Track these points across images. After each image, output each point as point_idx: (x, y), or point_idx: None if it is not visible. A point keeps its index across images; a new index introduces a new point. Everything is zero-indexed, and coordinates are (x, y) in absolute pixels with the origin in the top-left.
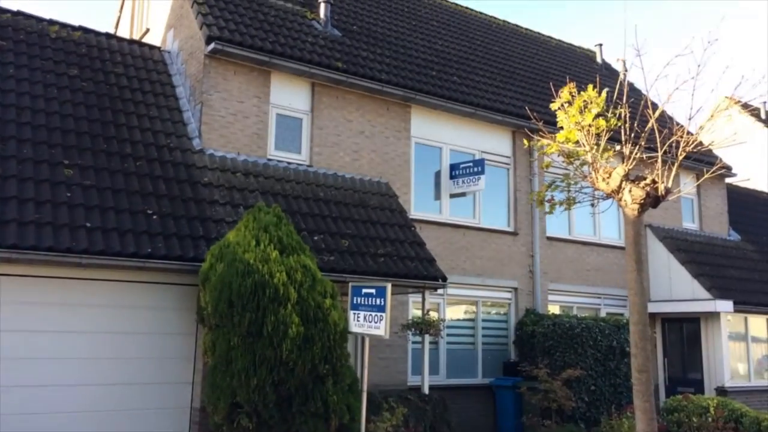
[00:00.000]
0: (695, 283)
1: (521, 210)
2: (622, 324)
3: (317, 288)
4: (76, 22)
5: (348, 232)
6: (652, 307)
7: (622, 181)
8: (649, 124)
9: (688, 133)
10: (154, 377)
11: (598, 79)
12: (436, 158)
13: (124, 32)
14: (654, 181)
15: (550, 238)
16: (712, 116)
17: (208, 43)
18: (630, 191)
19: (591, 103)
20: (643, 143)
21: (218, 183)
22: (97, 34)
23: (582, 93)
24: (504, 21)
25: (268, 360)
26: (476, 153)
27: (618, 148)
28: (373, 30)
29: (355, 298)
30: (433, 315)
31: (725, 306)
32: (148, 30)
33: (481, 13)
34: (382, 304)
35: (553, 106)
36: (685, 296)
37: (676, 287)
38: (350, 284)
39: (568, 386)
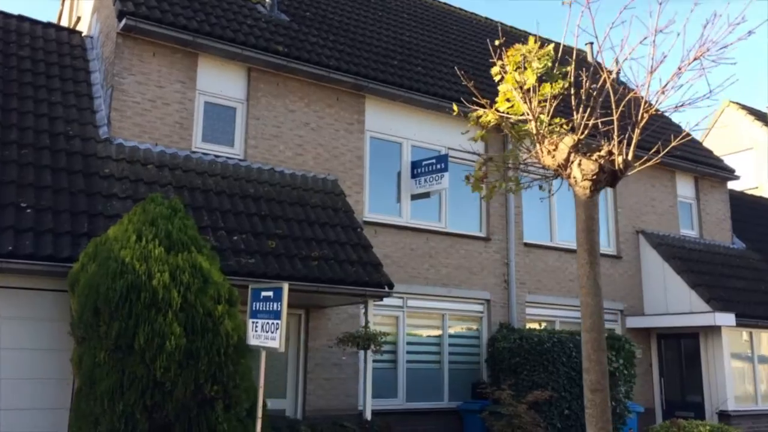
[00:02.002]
0: (693, 294)
1: (494, 213)
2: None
3: (209, 292)
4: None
5: (277, 232)
6: (646, 322)
7: (570, 154)
8: (603, 83)
9: (652, 108)
10: (25, 401)
11: (584, 76)
12: (395, 155)
13: (64, 24)
14: (610, 153)
15: (528, 245)
16: (680, 69)
17: (120, 19)
18: (580, 165)
19: (532, 56)
20: (597, 107)
21: (122, 175)
22: (7, 16)
23: (519, 45)
24: (486, 18)
25: (139, 379)
26: (442, 149)
27: (572, 126)
28: (330, 18)
29: (254, 303)
30: (376, 328)
31: (726, 319)
32: (79, 18)
33: (462, 9)
34: (279, 309)
35: (494, 71)
36: (682, 309)
37: (672, 299)
38: (250, 287)
39: (537, 410)
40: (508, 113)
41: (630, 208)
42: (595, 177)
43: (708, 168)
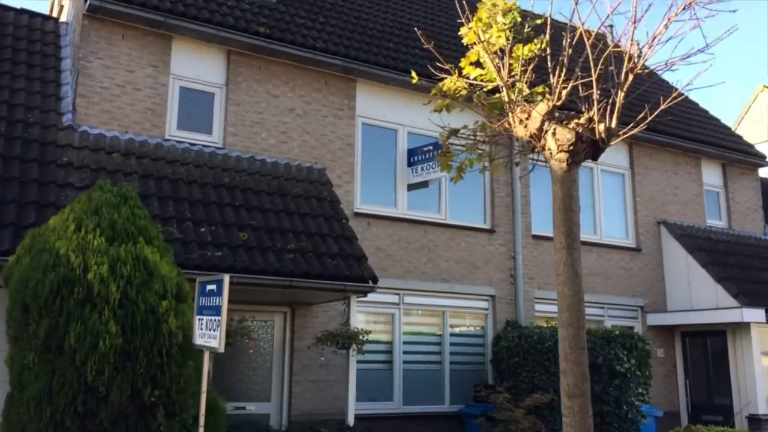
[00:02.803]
0: (719, 289)
1: (499, 203)
2: (613, 335)
3: (153, 286)
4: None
5: (251, 223)
6: (669, 319)
7: (544, 122)
8: (581, 38)
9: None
10: None
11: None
12: (390, 142)
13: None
14: (591, 120)
15: (536, 237)
16: (669, 19)
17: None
18: (554, 134)
19: (497, 10)
20: (576, 69)
21: (81, 164)
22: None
23: (485, 0)
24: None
25: (69, 383)
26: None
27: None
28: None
29: (201, 298)
30: (360, 327)
31: (755, 315)
32: (62, 6)
33: None
34: (219, 304)
35: (463, 31)
36: (708, 305)
37: (696, 294)
38: (197, 281)
39: (538, 415)
40: (480, 80)
41: (650, 197)
42: (572, 148)
43: (737, 154)
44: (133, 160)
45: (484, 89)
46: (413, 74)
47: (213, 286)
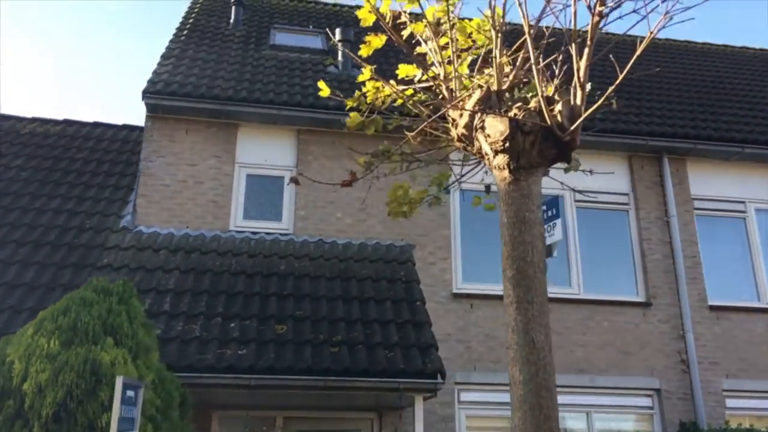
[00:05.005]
0: None
1: (655, 267)
2: None
3: (100, 396)
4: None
5: (297, 314)
6: None
7: (473, 116)
8: None
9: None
10: None
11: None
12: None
13: None
14: (550, 101)
15: (715, 308)
16: None
17: (143, 98)
18: (483, 129)
19: None
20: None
21: (121, 264)
22: (70, 123)
23: None
24: None
25: None
26: (567, 192)
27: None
28: None
29: (123, 407)
30: None
31: None
32: None
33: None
34: (133, 416)
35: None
36: None
37: None
38: (121, 381)
39: None
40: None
41: None
42: (508, 144)
43: None
44: (179, 256)
45: (418, 92)
46: (321, 84)
47: (131, 393)
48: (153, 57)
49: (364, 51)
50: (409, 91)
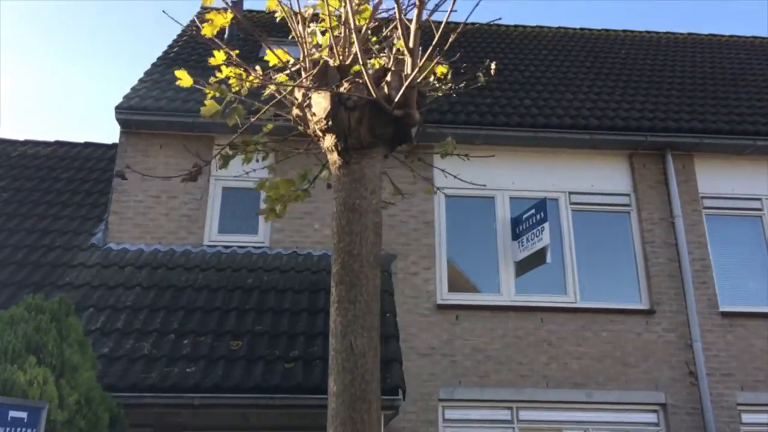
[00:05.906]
0: None
1: (658, 272)
2: None
3: None
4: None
5: (257, 328)
6: None
7: (306, 95)
8: None
9: None
10: None
11: None
12: (487, 213)
13: None
14: (385, 70)
15: (727, 314)
16: None
17: (115, 114)
18: (309, 106)
19: None
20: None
21: (82, 282)
22: (61, 144)
23: None
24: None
25: None
26: (561, 195)
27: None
28: None
29: (8, 429)
30: None
31: None
32: None
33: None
34: None
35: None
36: None
37: None
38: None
39: None
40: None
41: None
42: (331, 123)
43: None
44: (145, 272)
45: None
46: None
47: (22, 414)
48: None
49: (207, 30)
50: (282, 77)
